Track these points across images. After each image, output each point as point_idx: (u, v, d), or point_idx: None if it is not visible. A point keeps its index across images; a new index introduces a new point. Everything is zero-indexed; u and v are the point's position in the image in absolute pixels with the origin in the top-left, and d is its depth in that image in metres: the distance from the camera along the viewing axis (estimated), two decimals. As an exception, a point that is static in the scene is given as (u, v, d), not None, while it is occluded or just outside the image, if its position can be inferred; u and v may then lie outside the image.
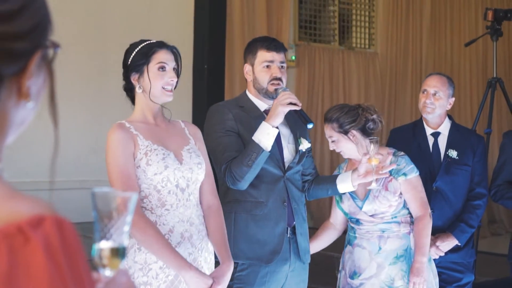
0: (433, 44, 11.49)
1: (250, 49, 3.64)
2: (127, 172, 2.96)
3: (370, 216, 3.85)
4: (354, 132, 3.82)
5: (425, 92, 4.36)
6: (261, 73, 3.58)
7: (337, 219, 4.07)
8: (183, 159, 3.09)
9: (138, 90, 3.09)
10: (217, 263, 3.21)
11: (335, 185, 3.68)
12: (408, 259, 3.86)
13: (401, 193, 3.88)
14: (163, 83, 3.07)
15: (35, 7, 1.05)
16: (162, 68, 3.08)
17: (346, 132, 3.83)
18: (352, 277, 3.89)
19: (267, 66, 3.57)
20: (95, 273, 1.22)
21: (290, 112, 3.42)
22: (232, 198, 3.54)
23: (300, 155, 3.65)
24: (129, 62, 3.08)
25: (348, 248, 3.97)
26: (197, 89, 9.38)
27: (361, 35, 11.16)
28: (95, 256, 1.22)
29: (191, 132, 3.26)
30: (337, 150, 3.90)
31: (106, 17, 9.45)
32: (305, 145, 3.62)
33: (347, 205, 3.92)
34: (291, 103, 3.37)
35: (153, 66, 3.06)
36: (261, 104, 3.63)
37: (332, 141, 3.88)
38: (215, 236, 3.17)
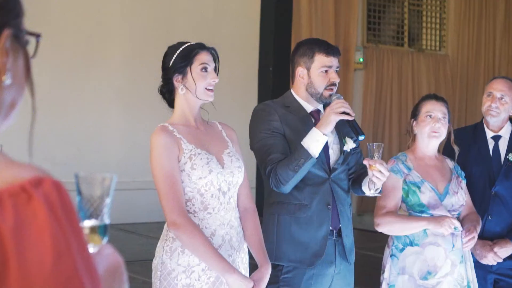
0: (507, 46, 11.26)
1: (305, 52, 3.58)
2: (172, 175, 2.99)
3: (448, 210, 3.79)
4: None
5: (490, 96, 4.27)
6: (319, 78, 3.53)
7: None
8: (224, 163, 3.12)
9: (180, 91, 3.11)
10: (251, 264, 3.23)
11: (361, 187, 3.58)
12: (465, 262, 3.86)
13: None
14: (206, 84, 3.11)
15: None
16: (205, 69, 3.11)
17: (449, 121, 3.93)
18: (425, 278, 3.81)
19: (326, 71, 3.53)
20: None
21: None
22: (276, 200, 3.53)
23: (345, 155, 3.61)
24: (170, 64, 3.10)
25: (411, 249, 3.84)
26: (262, 90, 9.42)
27: (432, 37, 11.00)
28: None
29: (228, 135, 3.28)
30: (438, 133, 3.88)
31: (173, 22, 9.57)
32: (350, 145, 3.56)
33: (428, 196, 3.82)
34: (344, 112, 3.32)
35: (196, 67, 3.09)
36: (308, 106, 3.60)
37: (443, 118, 3.90)
38: (252, 239, 3.20)
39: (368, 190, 3.50)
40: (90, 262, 1.08)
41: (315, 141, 3.32)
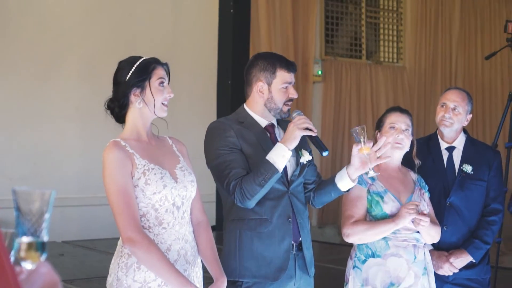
0: (463, 57, 11.42)
1: (266, 67, 3.55)
2: (126, 191, 2.96)
3: (411, 221, 3.80)
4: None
5: (444, 106, 4.30)
6: (280, 93, 3.53)
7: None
8: (177, 177, 3.11)
9: (138, 106, 3.09)
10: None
11: (336, 185, 3.60)
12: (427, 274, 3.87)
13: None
14: (162, 99, 3.11)
15: None
16: (162, 84, 3.10)
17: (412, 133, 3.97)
18: None
19: (286, 87, 3.54)
20: (18, 267, 1.27)
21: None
22: (236, 216, 3.52)
23: (301, 168, 3.61)
24: (127, 78, 3.08)
25: (373, 261, 3.85)
26: (221, 104, 9.40)
27: (389, 49, 11.12)
28: (16, 250, 1.29)
29: (179, 149, 3.27)
30: (401, 144, 3.91)
31: (131, 35, 9.54)
32: (306, 157, 3.58)
33: (391, 206, 3.84)
34: (307, 128, 3.33)
35: (154, 81, 3.08)
36: (262, 121, 3.60)
37: (406, 130, 3.94)
38: (207, 252, 3.20)
39: (351, 181, 3.53)
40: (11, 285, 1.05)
41: (281, 156, 3.33)
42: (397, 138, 3.90)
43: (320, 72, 10.43)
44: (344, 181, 3.57)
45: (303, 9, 10.31)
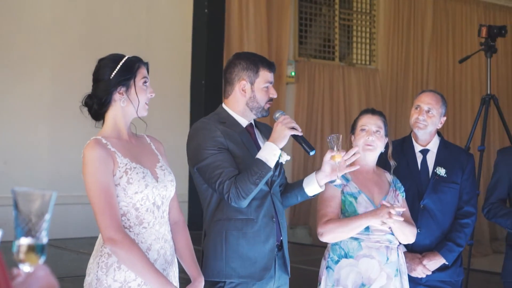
0: (435, 60, 11.50)
1: (249, 66, 3.59)
2: (108, 190, 2.93)
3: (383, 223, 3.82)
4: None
5: (418, 108, 4.33)
6: (262, 92, 3.58)
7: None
8: (158, 176, 3.10)
9: (122, 104, 3.07)
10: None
11: (303, 189, 3.66)
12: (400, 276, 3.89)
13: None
14: (146, 98, 3.11)
15: None
16: (145, 83, 3.10)
17: (387, 134, 3.98)
18: None
19: (267, 87, 3.59)
20: (16, 269, 1.27)
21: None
22: (222, 217, 3.52)
23: (279, 168, 3.65)
24: (111, 76, 3.05)
25: (346, 261, 3.86)
26: (194, 104, 9.38)
27: (362, 51, 11.16)
28: (15, 252, 1.28)
29: (157, 148, 3.26)
30: (372, 146, 3.92)
31: (103, 34, 9.48)
32: (284, 157, 3.60)
33: (364, 207, 3.85)
34: (293, 128, 3.39)
35: (139, 80, 3.08)
36: (242, 120, 3.62)
37: (377, 131, 3.94)
38: (184, 252, 3.21)
39: (319, 186, 3.61)
40: None
41: (273, 155, 3.37)
42: (368, 140, 3.92)
43: (293, 73, 10.45)
44: (312, 186, 3.63)
45: (277, 10, 10.33)
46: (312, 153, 3.46)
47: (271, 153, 3.37)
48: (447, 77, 11.64)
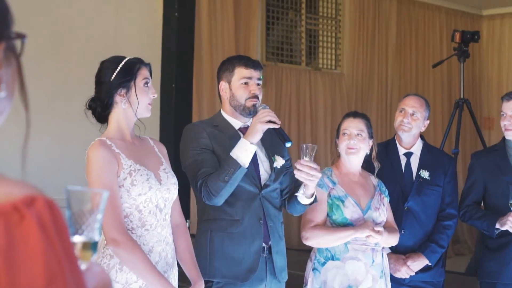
0: (399, 65, 11.63)
1: (226, 67, 3.63)
2: (112, 191, 2.93)
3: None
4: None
5: (402, 111, 4.40)
6: (239, 90, 3.57)
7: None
8: (161, 179, 3.11)
9: (123, 106, 3.07)
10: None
11: (296, 197, 3.58)
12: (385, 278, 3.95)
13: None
14: (148, 99, 3.11)
15: None
16: (146, 84, 3.10)
17: (371, 136, 4.01)
18: None
19: (245, 83, 3.56)
20: None
21: (268, 130, 3.41)
22: (209, 216, 3.54)
23: (276, 173, 3.64)
24: (112, 78, 3.06)
25: (332, 264, 3.88)
26: (164, 109, 9.34)
27: (328, 56, 11.24)
28: None
29: (160, 151, 3.27)
30: (354, 149, 3.95)
31: (71, 35, 9.40)
32: (279, 162, 3.61)
33: (351, 211, 3.88)
34: (270, 121, 3.35)
35: (139, 81, 3.08)
36: (236, 122, 3.63)
37: (359, 134, 3.97)
38: (185, 255, 3.23)
39: (302, 195, 3.51)
40: (82, 283, 1.06)
41: (244, 151, 3.35)
42: (349, 144, 3.97)
43: (261, 77, 10.51)
44: (300, 193, 3.58)
45: (245, 15, 10.37)
46: (287, 144, 3.41)
47: (242, 148, 3.36)
48: (410, 82, 11.78)
